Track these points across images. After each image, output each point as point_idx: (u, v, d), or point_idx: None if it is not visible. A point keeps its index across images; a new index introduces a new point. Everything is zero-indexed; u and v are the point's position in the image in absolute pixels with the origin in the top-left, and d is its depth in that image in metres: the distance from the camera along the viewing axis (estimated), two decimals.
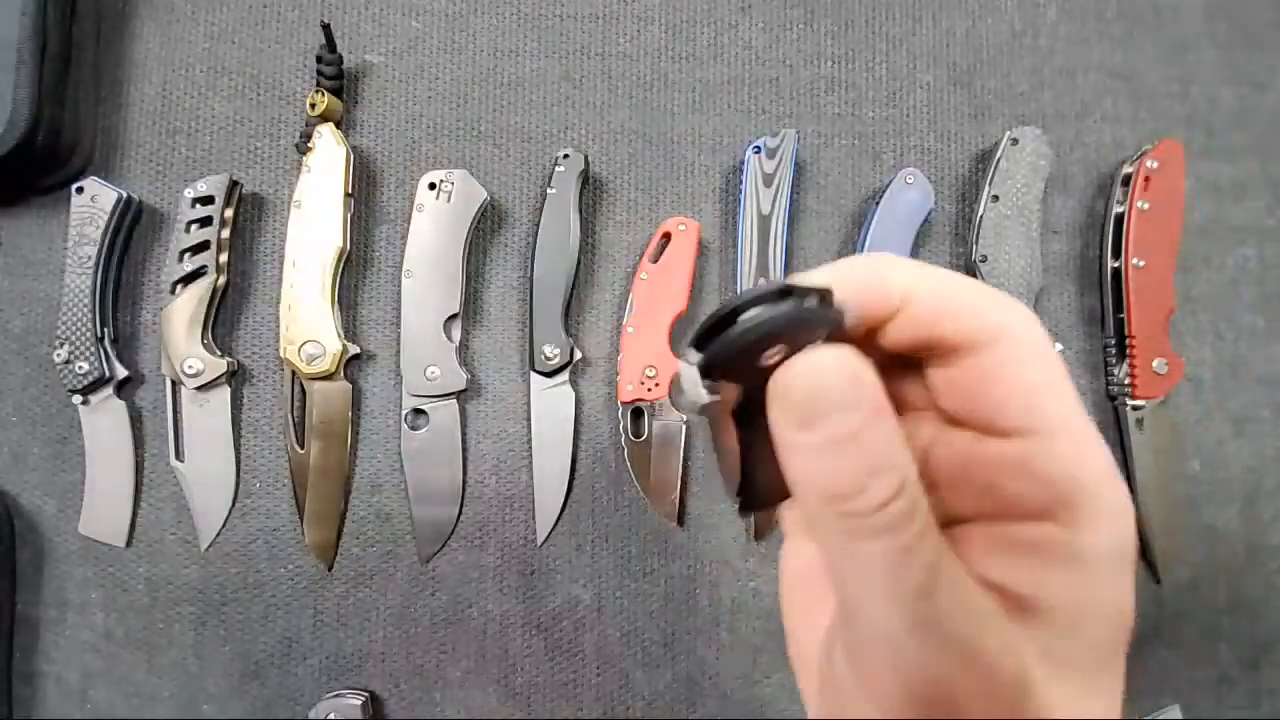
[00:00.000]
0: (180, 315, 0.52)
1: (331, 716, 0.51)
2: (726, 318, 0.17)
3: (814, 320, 0.17)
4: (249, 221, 0.56)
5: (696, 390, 0.18)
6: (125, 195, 0.53)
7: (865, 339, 0.19)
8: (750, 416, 0.19)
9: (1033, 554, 0.18)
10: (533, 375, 0.55)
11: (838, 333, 0.18)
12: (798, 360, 0.17)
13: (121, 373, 0.53)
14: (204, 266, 0.53)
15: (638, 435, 0.55)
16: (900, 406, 0.20)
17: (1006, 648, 0.17)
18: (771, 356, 0.17)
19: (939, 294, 0.19)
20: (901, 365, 0.20)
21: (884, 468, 0.17)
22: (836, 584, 0.18)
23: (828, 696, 0.20)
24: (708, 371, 0.18)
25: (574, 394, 0.55)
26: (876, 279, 0.19)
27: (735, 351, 0.17)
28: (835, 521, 0.17)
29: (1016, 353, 0.19)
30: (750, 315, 0.17)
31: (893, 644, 0.17)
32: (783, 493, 0.19)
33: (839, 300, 0.18)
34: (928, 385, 0.20)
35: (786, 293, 0.17)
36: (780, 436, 0.18)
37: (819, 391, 0.17)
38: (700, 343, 0.18)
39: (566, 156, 0.56)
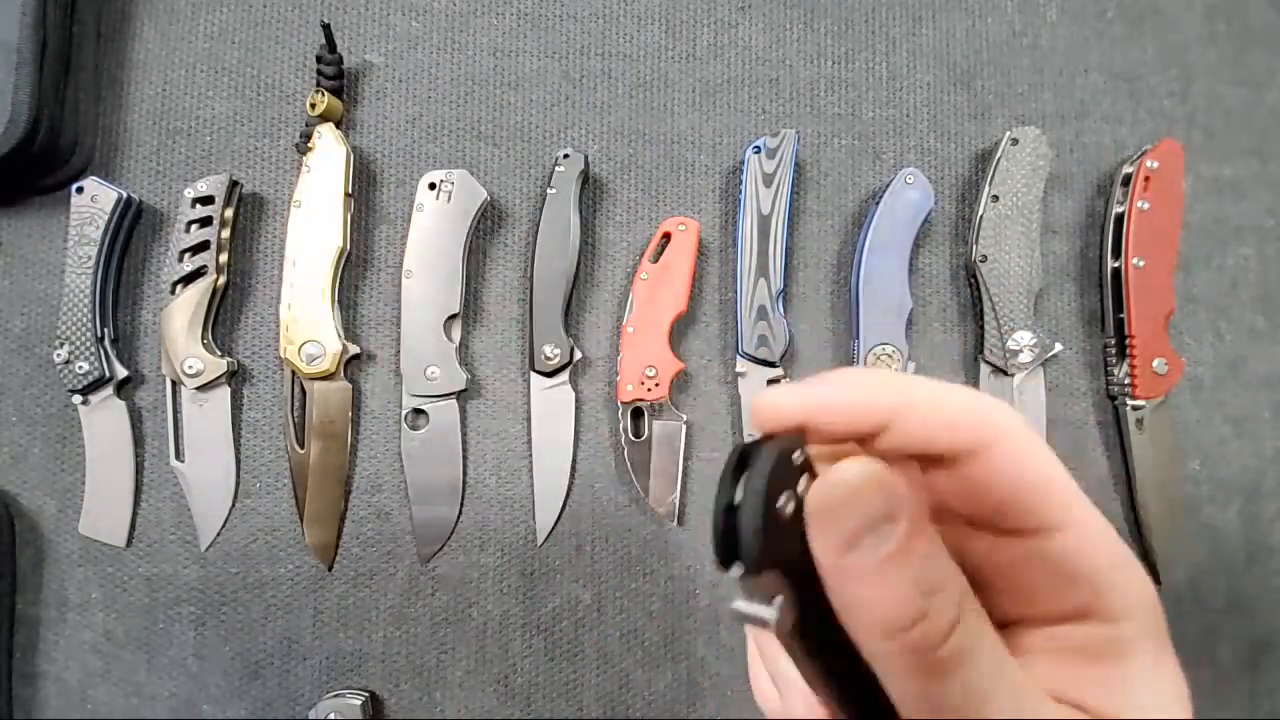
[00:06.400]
0: (180, 315, 0.52)
1: (331, 716, 0.51)
2: (728, 510, 0.16)
3: (791, 444, 0.17)
4: (249, 221, 0.56)
5: (757, 608, 0.16)
6: (125, 195, 0.53)
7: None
8: (821, 641, 0.17)
9: (1083, 658, 0.18)
10: (533, 375, 0.55)
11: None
12: (823, 478, 0.17)
13: (121, 373, 0.53)
14: (204, 266, 0.53)
15: (638, 435, 0.55)
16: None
17: None
18: (787, 508, 0.16)
19: (926, 408, 0.18)
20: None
21: (939, 582, 0.16)
22: None
23: None
24: (756, 568, 0.16)
25: (574, 394, 0.55)
26: (853, 405, 0.18)
27: (757, 522, 0.16)
28: (903, 660, 0.16)
29: (1011, 455, 0.18)
30: (741, 483, 0.16)
31: None
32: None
33: (815, 424, 0.18)
34: (931, 488, 0.20)
35: (745, 452, 0.17)
36: (828, 567, 0.17)
37: (855, 500, 0.16)
38: (726, 555, 0.16)
39: (566, 156, 0.56)
